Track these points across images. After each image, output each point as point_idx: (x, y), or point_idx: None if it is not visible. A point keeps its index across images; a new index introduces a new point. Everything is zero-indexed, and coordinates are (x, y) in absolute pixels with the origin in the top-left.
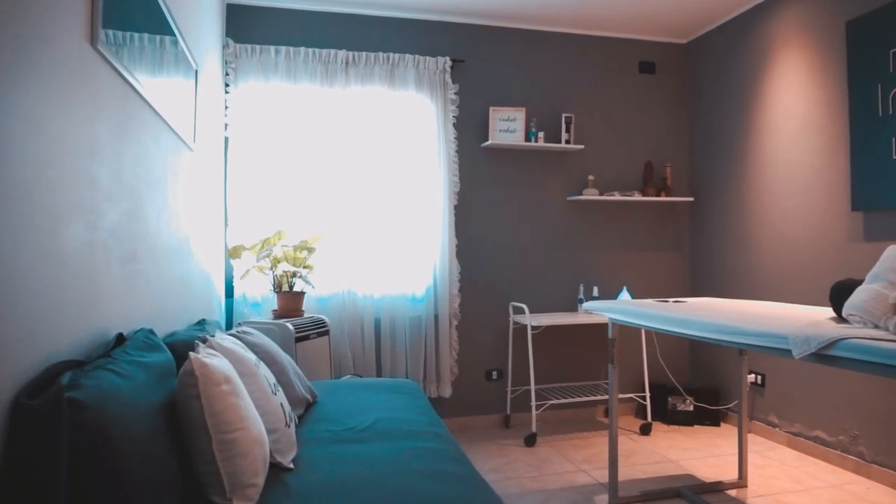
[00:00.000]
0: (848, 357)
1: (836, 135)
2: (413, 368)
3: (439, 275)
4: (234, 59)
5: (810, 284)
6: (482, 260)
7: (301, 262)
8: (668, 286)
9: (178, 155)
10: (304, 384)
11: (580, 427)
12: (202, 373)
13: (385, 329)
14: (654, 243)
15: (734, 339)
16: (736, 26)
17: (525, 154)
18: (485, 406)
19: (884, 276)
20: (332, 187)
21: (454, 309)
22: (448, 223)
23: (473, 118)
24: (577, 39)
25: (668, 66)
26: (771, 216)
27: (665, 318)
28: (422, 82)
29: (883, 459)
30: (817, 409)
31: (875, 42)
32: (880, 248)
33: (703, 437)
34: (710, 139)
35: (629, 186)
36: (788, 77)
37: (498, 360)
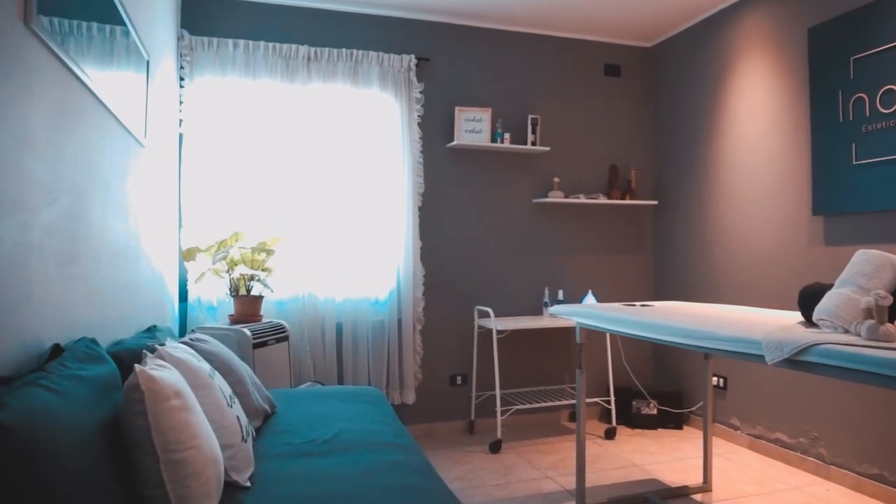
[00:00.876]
0: (821, 363)
1: (797, 140)
2: (376, 374)
3: (403, 278)
4: (189, 52)
5: (772, 288)
6: (447, 262)
7: (259, 264)
8: (632, 289)
9: (127, 150)
10: (263, 394)
11: (545, 432)
12: (149, 387)
13: (347, 334)
14: (618, 246)
15: (707, 344)
16: (700, 31)
17: (491, 155)
18: (449, 412)
19: (853, 281)
20: (292, 187)
21: (418, 313)
22: (412, 225)
23: (438, 118)
24: (544, 40)
25: (634, 70)
26: (733, 220)
27: (636, 322)
28: (386, 80)
29: (841, 461)
30: (778, 411)
31: (836, 49)
32: (841, 253)
33: (667, 441)
34: (674, 143)
35: (594, 189)
36: (751, 82)
37: (462, 365)
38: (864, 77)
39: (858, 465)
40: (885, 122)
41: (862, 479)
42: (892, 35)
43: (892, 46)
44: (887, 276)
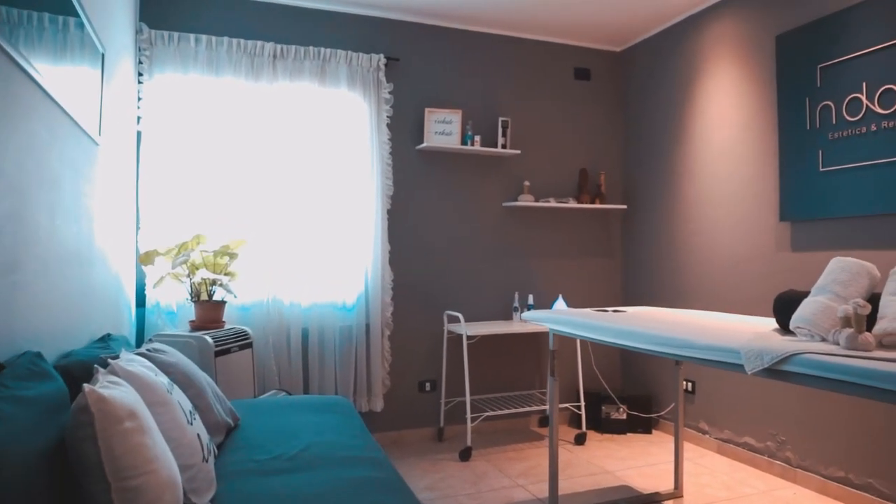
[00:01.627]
0: (801, 372)
1: (765, 146)
2: (343, 381)
3: (371, 282)
4: (148, 47)
5: (740, 293)
6: (416, 267)
7: (222, 268)
8: (601, 294)
9: (79, 148)
10: (225, 406)
11: (515, 438)
12: (99, 408)
13: (313, 340)
14: (588, 250)
15: (685, 353)
16: (669, 36)
17: (461, 158)
18: (417, 419)
19: (830, 289)
20: (257, 189)
21: (386, 318)
22: (381, 228)
23: (408, 119)
24: (515, 42)
25: (603, 74)
26: (702, 225)
27: (613, 330)
28: (354, 80)
29: (808, 464)
30: (746, 415)
31: (804, 57)
32: (807, 258)
33: (637, 446)
34: (643, 147)
35: (564, 193)
36: (720, 88)
37: (431, 371)
38: (831, 85)
39: (824, 469)
40: (851, 130)
41: (828, 482)
42: (858, 45)
43: (858, 56)
44: (863, 284)
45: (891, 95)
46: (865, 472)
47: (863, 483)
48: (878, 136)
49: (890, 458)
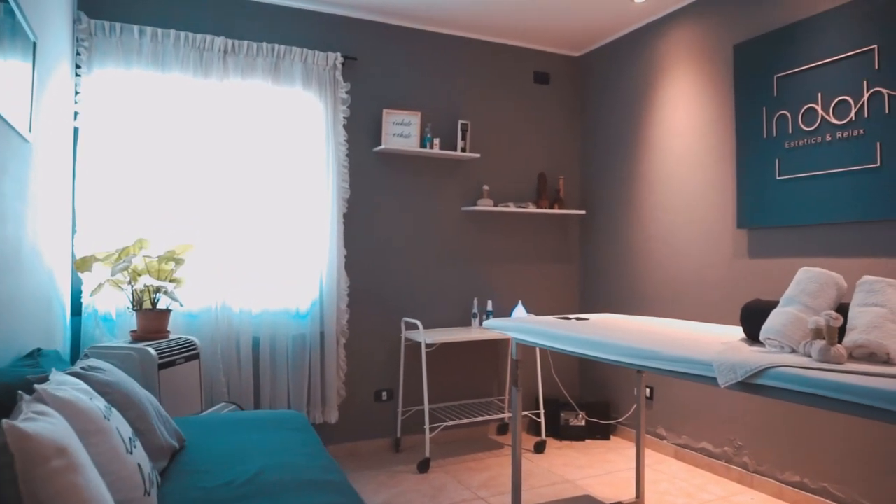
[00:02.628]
0: (775, 386)
1: (723, 154)
2: (296, 392)
3: (326, 288)
4: (88, 38)
5: (697, 300)
6: (373, 272)
7: (167, 274)
8: (560, 300)
9: (6, 145)
10: (169, 427)
11: (473, 447)
12: (21, 447)
13: (265, 349)
14: (547, 256)
15: (655, 364)
16: (628, 42)
17: (420, 160)
18: (373, 429)
19: (799, 300)
20: (205, 191)
21: (342, 326)
22: (336, 232)
23: (366, 120)
24: (474, 44)
25: (563, 78)
26: (659, 231)
27: (580, 340)
28: (310, 79)
29: (764, 469)
30: (703, 421)
31: (760, 66)
32: (764, 265)
33: (596, 453)
34: (602, 153)
35: (524, 197)
36: (678, 95)
37: (388, 380)
38: (787, 95)
39: (781, 473)
40: (807, 139)
41: (784, 486)
42: (813, 56)
43: (814, 67)
44: (831, 295)
45: (845, 106)
46: (820, 476)
47: (818, 487)
48: (833, 146)
49: (843, 462)
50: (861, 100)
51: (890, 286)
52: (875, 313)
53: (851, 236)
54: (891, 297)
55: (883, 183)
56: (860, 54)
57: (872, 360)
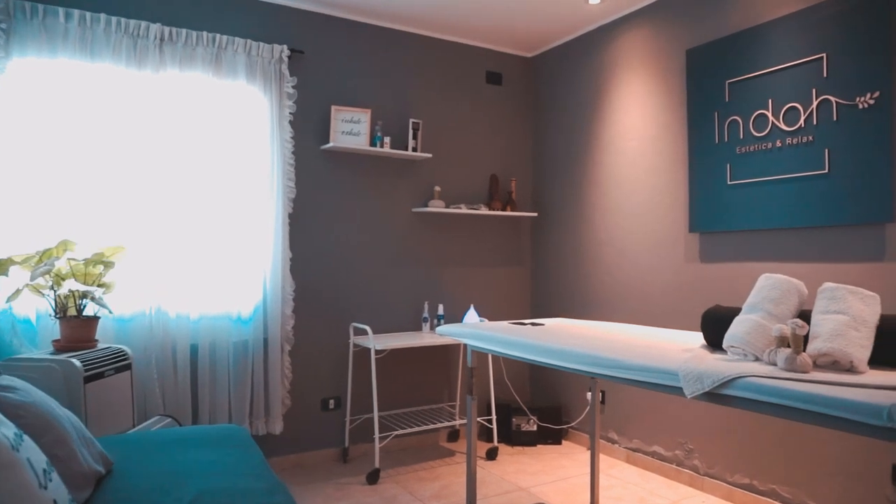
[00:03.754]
0: (743, 397)
1: (675, 158)
2: (237, 403)
3: (270, 292)
4: (6, 19)
5: (649, 304)
6: (320, 275)
7: (94, 279)
8: (512, 303)
9: None
10: (94, 450)
11: (424, 456)
12: None
13: (204, 357)
14: (499, 259)
15: (618, 374)
16: (581, 44)
17: (369, 160)
18: (321, 439)
19: (762, 307)
20: (139, 189)
21: (287, 332)
22: (281, 233)
23: (313, 117)
24: (427, 42)
25: (515, 79)
26: (611, 235)
27: (539, 348)
28: (254, 72)
29: (715, 472)
30: (655, 424)
31: (713, 71)
32: (715, 270)
33: (548, 458)
34: (554, 155)
35: (476, 199)
36: (631, 98)
37: (336, 388)
38: (739, 101)
39: (730, 476)
40: (758, 145)
41: (733, 488)
42: (764, 63)
43: (764, 74)
44: (794, 302)
45: (795, 113)
46: (769, 478)
47: (767, 489)
48: (783, 152)
49: (791, 464)
50: (810, 107)
51: (851, 293)
52: (837, 321)
53: (801, 241)
54: (852, 305)
55: (831, 189)
56: (809, 62)
57: (835, 368)
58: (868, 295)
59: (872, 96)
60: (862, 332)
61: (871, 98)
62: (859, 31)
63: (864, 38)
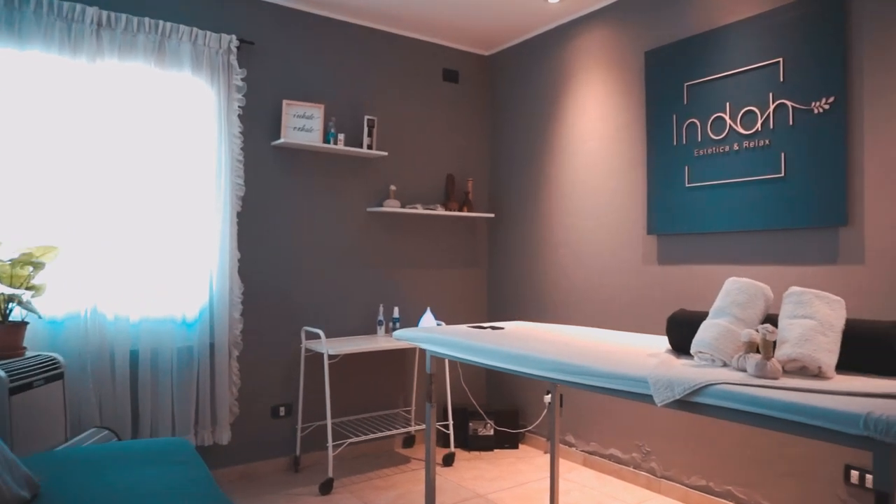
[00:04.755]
0: (715, 405)
1: (634, 159)
2: (181, 412)
3: (217, 295)
4: None
5: (607, 306)
6: (271, 277)
7: (22, 281)
8: (469, 306)
9: None
10: (17, 473)
11: (379, 463)
12: None
13: (145, 363)
14: (455, 260)
15: (584, 380)
16: (538, 44)
17: (322, 157)
18: (271, 448)
19: (729, 311)
20: (74, 186)
21: (235, 336)
22: (229, 233)
23: (263, 111)
24: (383, 37)
25: (472, 77)
26: (569, 236)
27: (503, 354)
28: (200, 62)
29: (672, 474)
30: (612, 427)
31: (671, 73)
32: (673, 272)
33: (505, 464)
34: (511, 155)
35: (432, 199)
36: (590, 99)
37: (287, 394)
38: (697, 103)
39: (687, 478)
40: (716, 148)
41: (690, 490)
42: (722, 66)
43: (722, 77)
44: (760, 307)
45: (752, 117)
46: (725, 480)
47: (722, 491)
48: (741, 155)
49: (747, 465)
50: (767, 111)
51: (817, 298)
52: (805, 326)
53: (758, 244)
54: (819, 309)
55: (787, 193)
56: (766, 66)
57: (803, 373)
58: (834, 299)
59: (828, 101)
60: (829, 336)
61: (827, 103)
62: (815, 37)
63: (820, 43)
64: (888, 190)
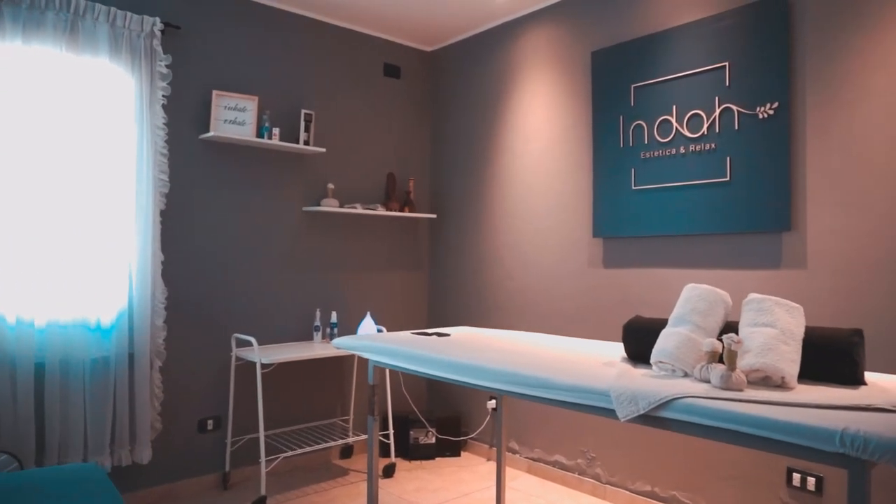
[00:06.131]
0: (681, 419)
1: (580, 161)
2: (95, 431)
3: (138, 300)
4: None
5: (551, 310)
6: (198, 281)
7: None
8: (410, 310)
9: None
10: None
11: (315, 476)
12: None
13: (53, 376)
14: (396, 262)
15: (543, 394)
16: (483, 41)
17: (256, 152)
18: (197, 466)
19: (689, 319)
20: None
21: (157, 345)
22: (151, 233)
23: (191, 102)
24: (322, 27)
25: (414, 73)
26: (513, 238)
27: (452, 365)
28: (119, 46)
29: (616, 480)
30: (556, 433)
31: (618, 75)
32: (619, 275)
33: (448, 473)
34: (454, 154)
35: (372, 198)
36: (535, 99)
37: (215, 406)
38: (644, 105)
39: (632, 483)
40: (662, 150)
41: (635, 496)
42: (669, 68)
43: (669, 79)
44: (721, 314)
45: (698, 120)
46: (669, 485)
47: (668, 496)
48: (687, 158)
49: (691, 470)
50: (713, 115)
51: (777, 305)
52: (767, 334)
53: (704, 248)
54: (780, 317)
55: (732, 197)
56: (713, 70)
57: (766, 383)
58: (793, 307)
59: (772, 107)
60: (791, 345)
61: (771, 108)
62: (760, 43)
63: (765, 49)
64: (829, 196)
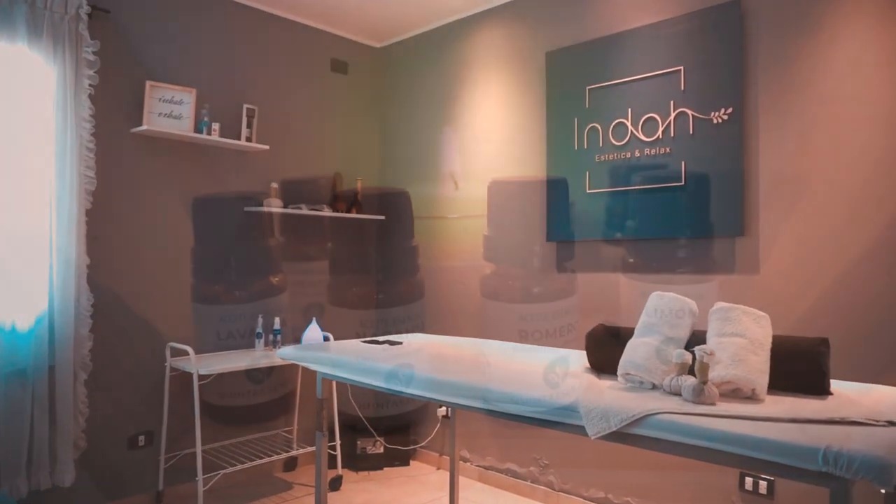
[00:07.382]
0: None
1: (534, 163)
2: (9, 454)
3: (59, 307)
4: None
5: (505, 314)
6: (128, 286)
7: None
8: (357, 315)
9: None
10: None
11: (258, 492)
12: None
13: None
14: (343, 266)
15: (505, 408)
16: (435, 38)
17: (193, 149)
18: (127, 486)
19: (658, 329)
20: None
21: (83, 356)
22: (76, 234)
23: (121, 93)
24: (266, 19)
25: (362, 69)
26: (466, 242)
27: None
28: (39, 31)
29: (570, 487)
30: (508, 440)
31: (573, 76)
32: (572, 280)
33: (397, 483)
34: (403, 154)
35: (317, 199)
36: (489, 99)
37: (147, 420)
38: (599, 108)
39: (586, 490)
40: (617, 153)
41: (589, 503)
42: (624, 71)
43: (624, 82)
44: (688, 323)
45: (653, 124)
46: (623, 491)
47: (621, 502)
48: (642, 162)
49: (643, 475)
50: (668, 119)
51: (745, 314)
52: (736, 345)
53: (659, 253)
54: (748, 327)
55: (687, 202)
56: (667, 74)
57: (736, 395)
58: (760, 315)
59: (726, 112)
60: (760, 356)
61: (725, 114)
62: (714, 48)
63: (719, 54)
64: (780, 201)
